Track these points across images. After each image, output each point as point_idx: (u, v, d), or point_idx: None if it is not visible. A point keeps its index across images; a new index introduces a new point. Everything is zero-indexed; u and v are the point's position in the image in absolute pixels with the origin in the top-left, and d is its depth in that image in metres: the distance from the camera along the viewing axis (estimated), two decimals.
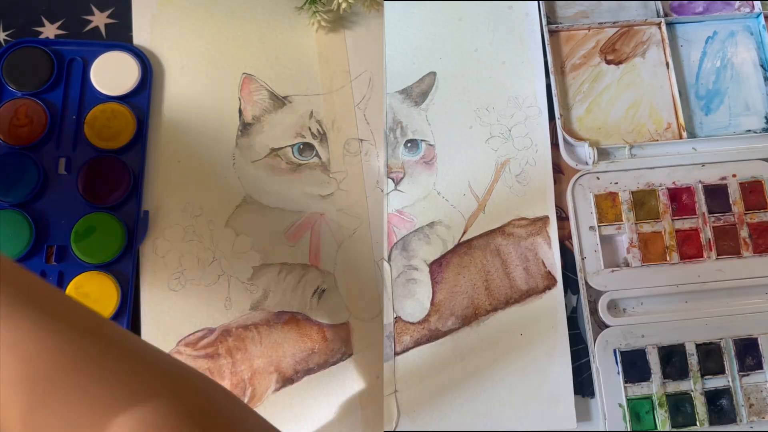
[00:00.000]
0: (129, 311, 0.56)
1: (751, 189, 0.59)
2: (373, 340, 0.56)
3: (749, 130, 0.62)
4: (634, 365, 0.55)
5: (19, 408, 0.28)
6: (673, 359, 0.56)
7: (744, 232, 0.58)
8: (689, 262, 0.58)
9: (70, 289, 0.55)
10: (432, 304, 0.57)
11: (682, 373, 0.55)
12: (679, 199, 0.59)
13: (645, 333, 0.56)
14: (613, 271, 0.57)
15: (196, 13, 0.63)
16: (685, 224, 0.59)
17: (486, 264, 0.58)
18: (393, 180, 0.59)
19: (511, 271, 0.58)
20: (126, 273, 0.56)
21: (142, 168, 0.58)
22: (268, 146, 0.60)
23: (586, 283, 0.57)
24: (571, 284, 0.58)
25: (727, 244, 0.58)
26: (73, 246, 0.56)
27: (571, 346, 0.56)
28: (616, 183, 0.59)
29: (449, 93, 0.62)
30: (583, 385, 0.56)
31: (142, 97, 0.60)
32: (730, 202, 0.59)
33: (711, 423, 0.54)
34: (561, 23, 0.64)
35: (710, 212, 0.59)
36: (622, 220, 0.58)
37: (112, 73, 0.60)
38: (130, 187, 0.57)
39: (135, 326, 0.56)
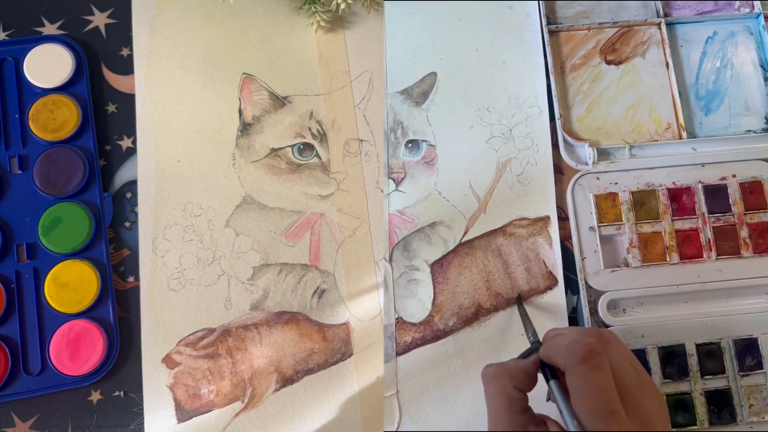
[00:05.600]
0: (111, 294, 0.56)
1: (751, 189, 0.59)
2: (373, 340, 0.56)
3: (749, 130, 0.62)
4: None
5: None
6: (673, 359, 0.56)
7: (744, 232, 0.58)
8: (689, 262, 0.58)
9: (49, 282, 0.56)
10: (433, 304, 0.57)
11: (682, 373, 0.55)
12: (679, 199, 0.59)
13: (645, 333, 0.56)
14: (613, 271, 0.57)
15: (196, 13, 0.63)
16: (685, 224, 0.59)
17: (487, 264, 0.58)
18: (394, 180, 0.59)
19: (513, 271, 0.58)
20: (101, 257, 0.57)
21: (95, 152, 0.59)
22: (268, 146, 0.60)
23: (586, 283, 0.57)
24: (571, 284, 0.58)
25: (727, 244, 0.58)
26: (42, 239, 0.56)
27: None
28: (616, 183, 0.59)
29: (450, 93, 0.62)
30: None
31: (81, 84, 0.61)
32: (730, 202, 0.59)
33: (711, 423, 0.55)
34: (561, 23, 0.64)
35: (710, 212, 0.59)
36: (622, 221, 0.58)
37: (45, 66, 0.60)
38: (87, 173, 0.58)
39: (124, 310, 0.56)
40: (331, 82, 0.62)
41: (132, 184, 0.59)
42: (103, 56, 0.62)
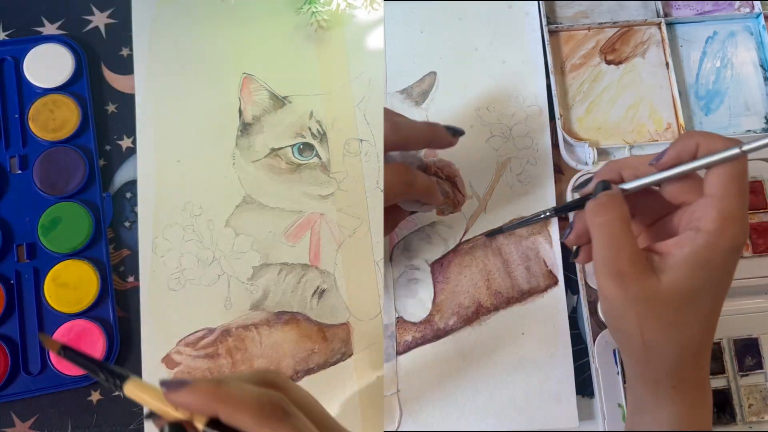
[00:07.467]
0: (111, 294, 0.56)
1: (751, 189, 0.59)
2: (373, 340, 0.56)
3: (749, 130, 0.62)
4: None
5: None
6: None
7: None
8: None
9: (48, 282, 0.56)
10: (434, 303, 0.57)
11: None
12: None
13: None
14: None
15: (196, 13, 0.63)
16: None
17: (487, 263, 0.58)
18: None
19: (513, 270, 0.58)
20: (100, 257, 0.57)
21: (95, 152, 0.59)
22: (268, 146, 0.60)
23: (586, 283, 0.57)
24: (571, 284, 0.58)
25: None
26: (42, 239, 0.56)
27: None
28: None
29: (450, 92, 0.62)
30: (583, 385, 0.56)
31: (81, 84, 0.61)
32: None
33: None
34: (561, 23, 0.64)
35: None
36: None
37: (45, 66, 0.60)
38: (87, 173, 0.58)
39: (124, 310, 0.56)
40: (331, 82, 0.62)
41: (132, 184, 0.59)
42: (103, 56, 0.62)
